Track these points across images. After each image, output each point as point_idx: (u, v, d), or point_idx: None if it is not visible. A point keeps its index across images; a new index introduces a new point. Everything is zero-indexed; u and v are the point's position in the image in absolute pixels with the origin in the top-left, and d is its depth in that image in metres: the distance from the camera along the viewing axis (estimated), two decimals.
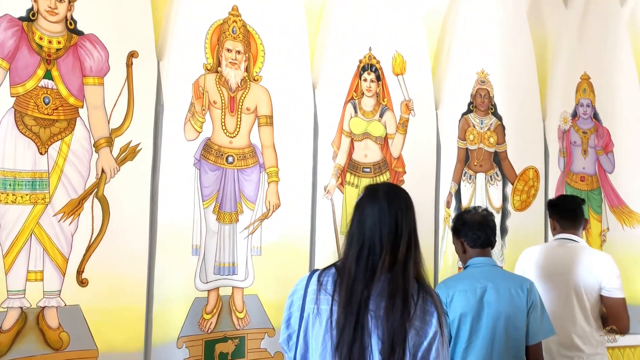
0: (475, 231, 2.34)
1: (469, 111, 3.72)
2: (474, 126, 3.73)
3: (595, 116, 4.13)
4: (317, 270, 1.68)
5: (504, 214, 3.78)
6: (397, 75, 3.45)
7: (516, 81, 3.84)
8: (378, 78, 3.38)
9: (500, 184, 3.78)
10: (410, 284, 1.55)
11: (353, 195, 3.26)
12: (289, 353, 1.68)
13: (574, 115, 4.07)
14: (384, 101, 3.40)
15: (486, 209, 2.47)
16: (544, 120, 3.94)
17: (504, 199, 3.78)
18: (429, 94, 3.53)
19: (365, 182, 3.29)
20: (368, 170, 3.34)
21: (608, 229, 4.08)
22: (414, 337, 1.52)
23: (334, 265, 1.66)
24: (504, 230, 3.77)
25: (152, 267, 2.52)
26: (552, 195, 3.89)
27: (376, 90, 3.38)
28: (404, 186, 3.33)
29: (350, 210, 3.19)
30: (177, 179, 2.64)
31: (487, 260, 2.36)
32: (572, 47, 4.03)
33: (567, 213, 2.85)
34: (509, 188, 3.79)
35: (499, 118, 3.80)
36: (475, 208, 2.48)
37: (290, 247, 2.97)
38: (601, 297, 2.69)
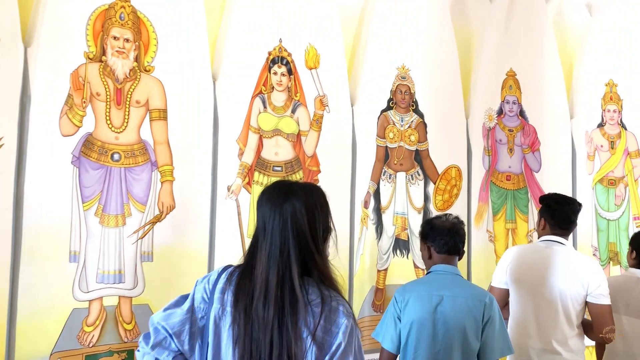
0: (444, 236, 2.28)
1: (388, 108, 3.57)
2: (394, 123, 3.58)
3: (522, 114, 4.04)
4: (230, 266, 1.57)
5: (426, 214, 3.64)
6: (310, 69, 3.26)
7: (438, 77, 3.72)
8: (290, 72, 3.19)
9: (421, 183, 3.64)
10: (311, 290, 1.45)
11: None
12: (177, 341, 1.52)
13: (500, 112, 3.97)
14: (296, 96, 3.21)
15: (457, 217, 2.39)
16: (467, 117, 3.82)
17: (426, 198, 3.65)
18: (345, 89, 3.36)
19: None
20: (279, 169, 3.14)
21: (535, 229, 3.99)
22: (316, 350, 1.41)
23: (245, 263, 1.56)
24: None
25: (16, 276, 2.27)
26: (475, 194, 3.78)
27: (287, 84, 3.19)
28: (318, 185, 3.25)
29: None
30: (49, 178, 2.39)
31: (450, 268, 2.28)
32: (497, 42, 3.93)
33: (560, 220, 2.71)
34: (431, 187, 3.66)
35: (421, 115, 3.66)
36: (445, 215, 2.40)
37: (187, 253, 2.75)
38: (586, 303, 2.60)
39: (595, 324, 2.58)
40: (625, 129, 4.41)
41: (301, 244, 1.47)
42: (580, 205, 2.78)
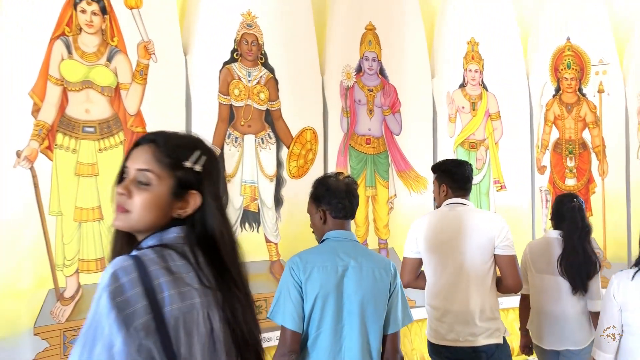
0: (341, 200, 2.05)
1: (232, 60, 3.09)
2: (239, 79, 3.11)
3: (382, 72, 3.74)
4: (135, 257, 1.17)
5: (279, 182, 3.24)
6: (131, 8, 2.70)
7: (291, 27, 3.30)
8: (104, 10, 2.61)
9: (273, 147, 3.23)
10: None
11: (68, 162, 2.49)
12: None
13: (359, 70, 3.64)
14: (113, 41, 2.64)
15: (349, 176, 2.19)
16: (323, 75, 3.44)
17: (279, 164, 3.24)
18: (176, 35, 2.84)
19: (87, 145, 2.54)
20: (91, 129, 2.57)
21: (395, 195, 3.76)
22: None
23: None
24: (278, 201, 3.24)
25: None
26: (332, 159, 3.44)
27: (101, 26, 2.60)
28: None
29: (63, 182, 2.46)
30: None
31: (347, 234, 2.09)
32: None
33: (461, 181, 2.72)
34: (284, 152, 3.26)
35: (271, 70, 3.23)
36: (336, 174, 2.17)
37: None
38: (494, 257, 2.60)
39: (503, 275, 2.62)
40: (487, 90, 4.29)
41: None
42: (471, 165, 2.82)
